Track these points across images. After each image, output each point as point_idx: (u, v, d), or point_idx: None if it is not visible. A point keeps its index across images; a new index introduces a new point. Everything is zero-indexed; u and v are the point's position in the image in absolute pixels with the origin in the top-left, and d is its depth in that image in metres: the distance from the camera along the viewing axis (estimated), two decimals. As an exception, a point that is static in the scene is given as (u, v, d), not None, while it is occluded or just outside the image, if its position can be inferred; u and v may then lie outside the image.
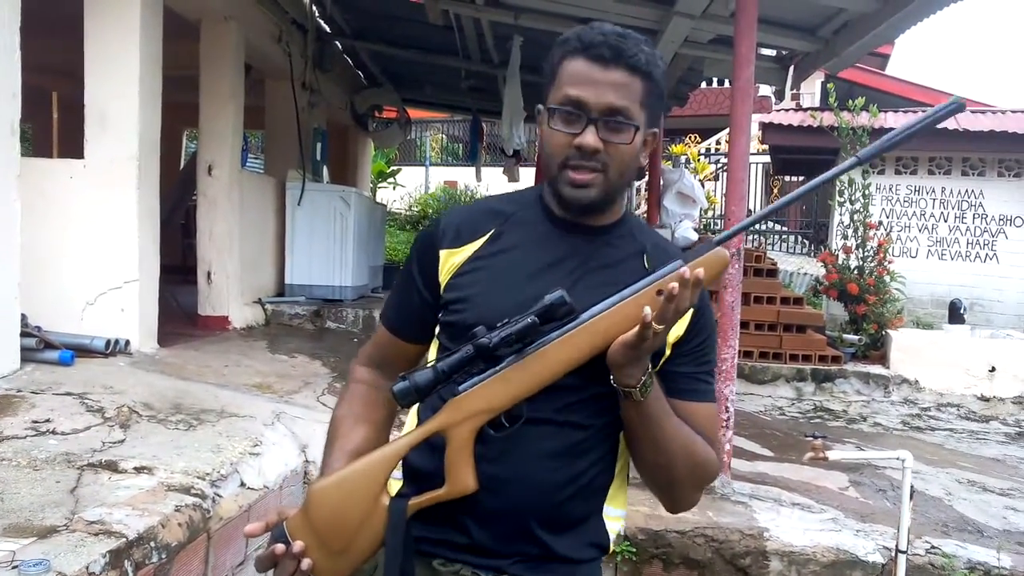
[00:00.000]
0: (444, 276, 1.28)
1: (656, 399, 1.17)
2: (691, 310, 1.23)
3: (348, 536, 1.15)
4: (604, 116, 1.19)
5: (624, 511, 1.33)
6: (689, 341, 1.26)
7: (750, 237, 11.23)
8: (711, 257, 1.15)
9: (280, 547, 1.13)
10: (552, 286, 1.18)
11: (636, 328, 1.09)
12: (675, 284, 1.07)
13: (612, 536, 1.30)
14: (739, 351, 3.69)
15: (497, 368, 1.15)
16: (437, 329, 1.32)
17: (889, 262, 7.52)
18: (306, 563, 1.12)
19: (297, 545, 1.12)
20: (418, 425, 1.22)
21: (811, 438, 3.00)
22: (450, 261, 1.28)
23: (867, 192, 7.63)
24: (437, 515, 1.20)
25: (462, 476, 1.15)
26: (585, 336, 1.14)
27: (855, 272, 7.41)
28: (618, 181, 1.24)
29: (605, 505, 1.28)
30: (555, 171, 1.23)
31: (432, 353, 1.31)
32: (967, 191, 9.15)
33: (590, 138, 1.18)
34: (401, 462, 1.28)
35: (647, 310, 1.07)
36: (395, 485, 1.27)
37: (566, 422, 1.20)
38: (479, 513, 1.19)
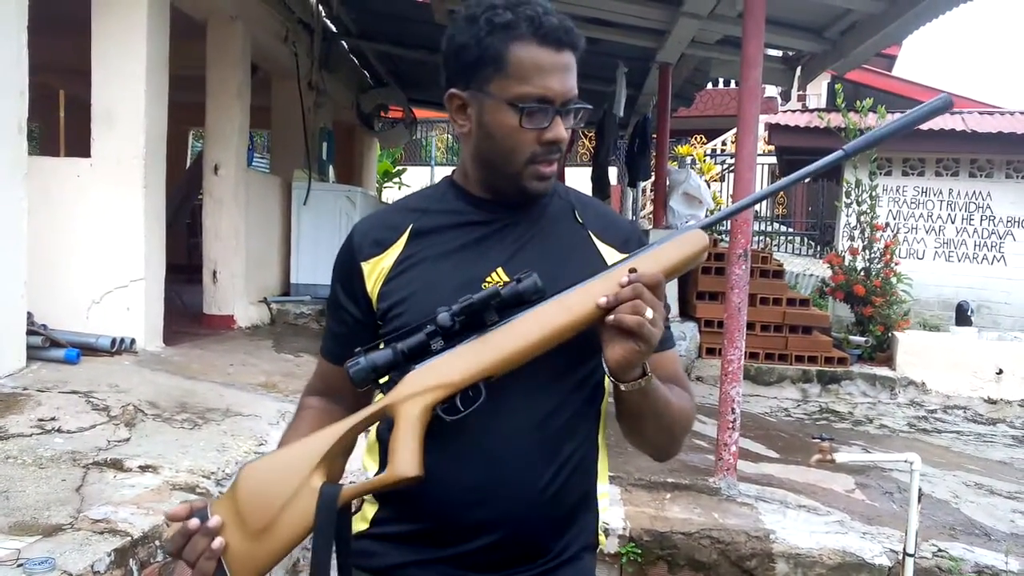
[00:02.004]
0: (373, 287, 1.21)
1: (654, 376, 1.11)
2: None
3: (270, 515, 1.04)
4: (566, 105, 1.14)
5: (607, 484, 1.28)
6: None
7: (756, 238, 11.22)
8: (689, 237, 1.11)
9: (194, 522, 1.02)
10: (489, 261, 1.13)
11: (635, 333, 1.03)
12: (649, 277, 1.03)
13: (601, 515, 1.25)
14: (745, 352, 3.68)
15: (457, 345, 1.07)
16: (382, 346, 1.24)
17: (896, 264, 7.50)
18: (218, 541, 1.02)
19: (213, 520, 1.03)
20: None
21: (817, 440, 2.98)
22: (376, 271, 1.21)
23: (874, 193, 7.61)
24: (425, 535, 1.14)
25: (404, 459, 1.03)
26: (553, 311, 1.07)
27: (861, 274, 7.39)
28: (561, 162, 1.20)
29: (597, 483, 1.24)
30: (518, 168, 1.16)
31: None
32: (975, 193, 9.11)
33: (563, 132, 1.14)
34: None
35: (637, 314, 1.02)
36: (371, 509, 1.21)
37: (546, 409, 1.14)
38: (470, 526, 1.12)
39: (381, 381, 1.13)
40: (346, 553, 1.08)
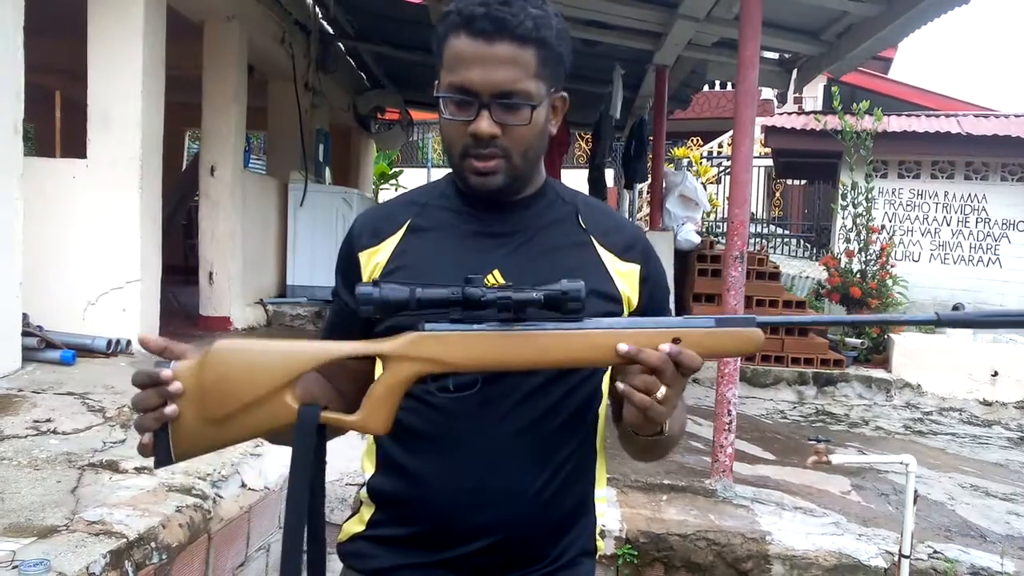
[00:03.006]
0: (368, 279, 1.19)
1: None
2: (637, 268, 1.20)
3: (230, 410, 1.01)
4: (496, 99, 1.09)
5: (605, 489, 1.27)
6: (640, 298, 1.21)
7: (752, 240, 11.23)
8: (745, 333, 1.05)
9: (167, 372, 1.00)
10: (486, 261, 1.12)
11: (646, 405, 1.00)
12: (689, 353, 0.99)
13: (598, 520, 1.24)
14: (741, 354, 3.68)
15: (475, 327, 1.02)
16: None
17: (892, 266, 7.51)
18: (170, 409, 0.99)
19: (175, 385, 0.99)
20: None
21: (814, 442, 2.98)
22: (372, 262, 1.20)
23: (870, 196, 7.62)
24: (419, 538, 1.14)
25: (377, 415, 1.02)
26: (581, 343, 1.02)
27: (857, 276, 7.40)
28: (523, 162, 1.14)
29: (595, 488, 1.23)
30: (456, 160, 1.14)
31: (379, 370, 1.10)
32: (970, 195, 9.13)
33: (484, 124, 1.09)
34: (368, 490, 1.20)
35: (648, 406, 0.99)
36: (367, 511, 1.20)
37: (542, 412, 1.13)
38: (464, 530, 1.12)
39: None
40: (321, 472, 1.05)
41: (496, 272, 1.15)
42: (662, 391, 0.98)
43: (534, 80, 1.10)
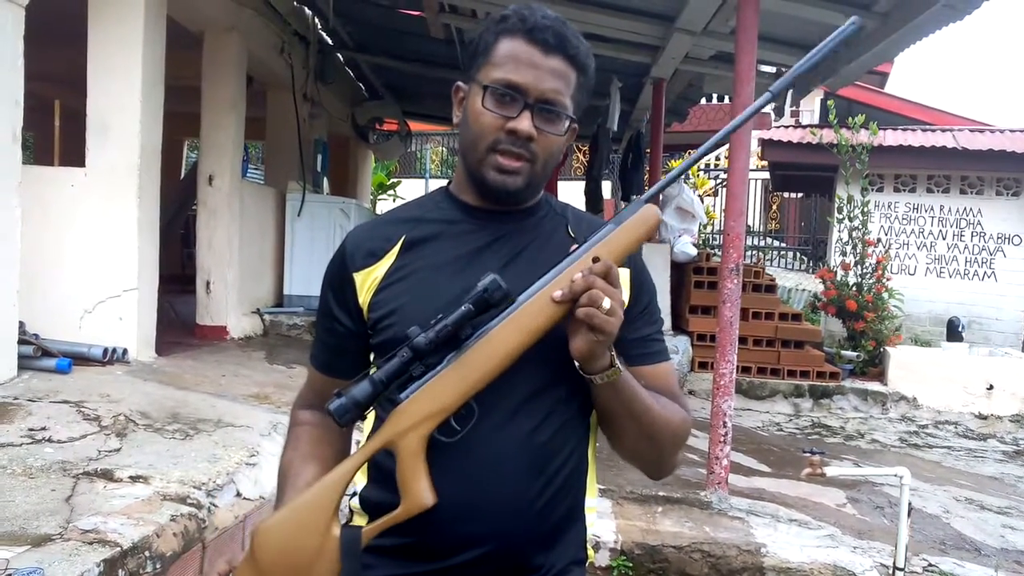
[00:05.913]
0: (364, 297, 1.22)
1: (627, 373, 1.12)
2: (628, 271, 1.22)
3: (300, 574, 1.07)
4: (540, 103, 1.15)
5: (596, 498, 1.28)
6: (637, 303, 1.23)
7: (749, 252, 11.25)
8: (641, 216, 1.11)
9: None
10: (480, 275, 1.13)
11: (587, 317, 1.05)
12: (605, 265, 1.05)
13: (589, 530, 1.25)
14: (737, 366, 3.69)
15: (438, 368, 1.08)
16: (372, 355, 1.25)
17: (887, 279, 7.54)
18: None
19: None
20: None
21: (809, 454, 2.99)
22: (368, 281, 1.22)
23: (866, 209, 7.66)
24: (413, 549, 1.15)
25: (417, 491, 1.06)
26: (527, 316, 1.07)
27: (853, 289, 7.42)
28: (543, 172, 1.20)
29: (585, 497, 1.24)
30: (481, 154, 1.17)
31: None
32: (965, 209, 9.17)
33: (525, 124, 1.14)
34: (360, 500, 1.22)
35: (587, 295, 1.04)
36: (360, 521, 1.22)
37: (534, 423, 1.14)
38: (457, 541, 1.13)
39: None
40: None
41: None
42: (607, 302, 1.04)
43: (571, 99, 1.19)
